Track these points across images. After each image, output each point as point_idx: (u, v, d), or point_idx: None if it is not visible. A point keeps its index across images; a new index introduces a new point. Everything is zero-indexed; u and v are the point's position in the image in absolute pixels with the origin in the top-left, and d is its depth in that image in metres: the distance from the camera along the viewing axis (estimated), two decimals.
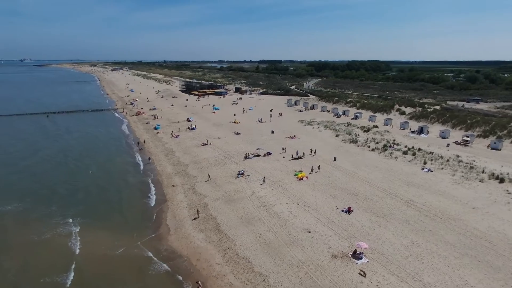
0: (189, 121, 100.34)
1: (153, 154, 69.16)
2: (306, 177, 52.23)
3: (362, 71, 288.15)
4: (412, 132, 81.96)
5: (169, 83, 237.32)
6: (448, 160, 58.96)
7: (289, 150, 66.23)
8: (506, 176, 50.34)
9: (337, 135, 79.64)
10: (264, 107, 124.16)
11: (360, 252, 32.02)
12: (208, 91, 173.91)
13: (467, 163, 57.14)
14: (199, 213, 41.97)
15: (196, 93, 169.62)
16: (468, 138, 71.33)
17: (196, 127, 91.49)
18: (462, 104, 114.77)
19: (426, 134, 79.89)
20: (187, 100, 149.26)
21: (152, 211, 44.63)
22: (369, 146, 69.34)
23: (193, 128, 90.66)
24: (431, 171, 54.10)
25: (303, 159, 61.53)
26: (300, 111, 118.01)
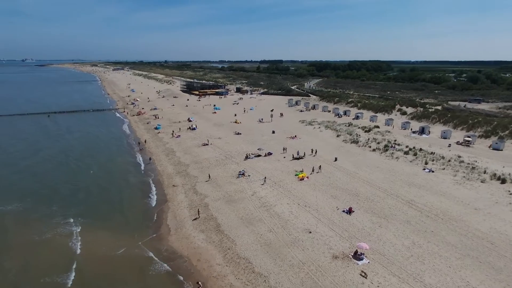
0: (190, 121, 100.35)
1: (154, 154, 69.16)
2: (307, 177, 52.13)
3: (363, 71, 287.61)
4: (414, 132, 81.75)
5: (170, 83, 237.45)
6: (450, 161, 58.76)
7: (290, 150, 66.12)
8: (508, 177, 50.10)
9: (338, 135, 79.49)
10: (265, 107, 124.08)
11: (361, 253, 31.90)
12: (209, 91, 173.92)
13: (469, 164, 56.93)
14: (200, 213, 41.93)
15: (197, 93, 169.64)
16: (470, 139, 71.09)
17: (197, 127, 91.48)
18: (464, 105, 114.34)
19: (428, 134, 79.67)
20: (188, 100, 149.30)
21: (153, 211, 44.61)
22: (370, 146, 69.18)
23: (194, 128, 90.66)
24: (433, 172, 53.92)
25: (304, 159, 61.43)
26: (301, 111, 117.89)
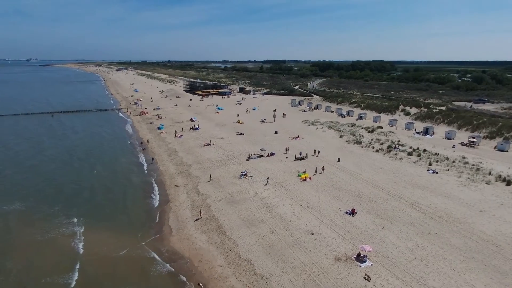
0: (193, 121, 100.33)
1: (156, 154, 69.18)
2: (310, 178, 51.82)
3: (367, 71, 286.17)
4: (417, 133, 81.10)
5: (173, 83, 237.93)
6: (454, 162, 58.16)
7: (293, 151, 65.84)
8: None
9: (341, 136, 79.06)
10: (268, 107, 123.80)
11: (364, 255, 31.58)
12: (212, 91, 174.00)
13: (473, 165, 56.31)
14: (202, 214, 41.79)
15: (200, 93, 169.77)
16: (474, 139, 70.37)
17: (200, 127, 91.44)
18: (470, 105, 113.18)
19: (432, 135, 79.00)
20: (191, 100, 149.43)
21: (155, 212, 44.57)
22: (374, 147, 68.71)
23: (197, 128, 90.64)
24: (437, 173, 53.38)
25: (307, 160, 61.11)
26: (304, 112, 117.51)
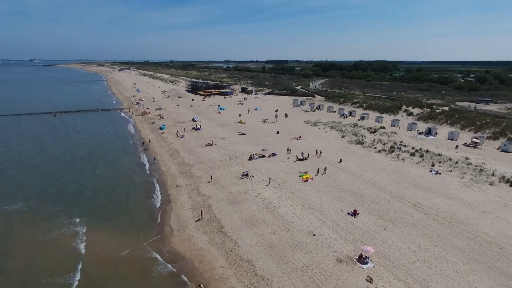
0: (195, 121, 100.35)
1: (158, 154, 69.19)
2: (311, 179, 51.61)
3: (369, 71, 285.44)
4: (420, 134, 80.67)
5: (175, 83, 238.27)
6: (457, 162, 57.77)
7: (294, 151, 65.63)
8: None
9: (343, 136, 78.77)
10: (270, 108, 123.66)
11: (366, 257, 31.36)
12: (214, 91, 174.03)
13: (477, 166, 55.91)
14: (203, 215, 41.70)
15: (202, 93, 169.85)
16: (478, 140, 69.88)
17: (201, 127, 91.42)
18: (475, 106, 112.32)
19: (434, 136, 78.57)
20: (193, 100, 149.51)
21: (157, 212, 44.52)
22: (376, 148, 68.39)
23: (198, 128, 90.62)
24: (439, 174, 53.03)
25: (308, 160, 60.90)
26: (306, 112, 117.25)
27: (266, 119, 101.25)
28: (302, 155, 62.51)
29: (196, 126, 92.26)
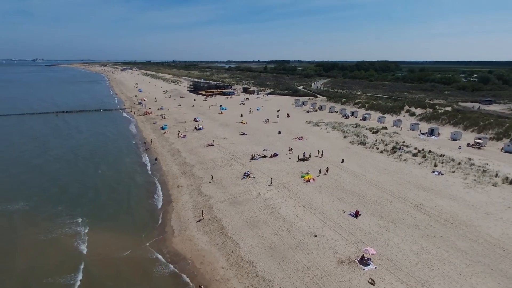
0: (196, 121, 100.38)
1: (160, 154, 69.21)
2: (313, 179, 51.44)
3: (371, 72, 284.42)
4: (422, 134, 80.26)
5: (177, 83, 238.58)
6: (460, 163, 57.40)
7: (296, 151, 65.46)
8: None
9: (345, 137, 78.50)
10: (272, 108, 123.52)
11: (368, 258, 31.16)
12: (216, 91, 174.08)
13: (480, 167, 55.52)
14: (204, 215, 41.61)
15: (204, 93, 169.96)
16: (481, 141, 69.43)
17: (203, 127, 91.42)
18: (479, 106, 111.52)
19: (437, 136, 78.14)
20: (195, 100, 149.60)
21: (158, 212, 44.48)
22: (378, 148, 68.09)
23: (200, 128, 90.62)
24: (442, 174, 52.70)
25: (310, 161, 60.72)
26: (308, 112, 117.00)
27: (268, 119, 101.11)
28: (304, 156, 62.32)
29: (198, 126, 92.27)
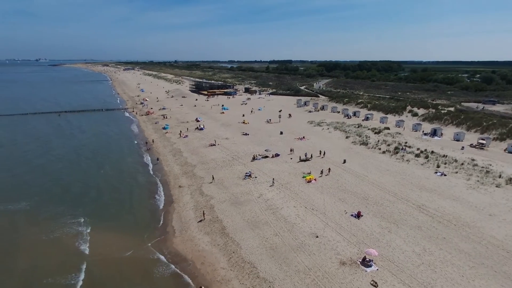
0: (198, 121, 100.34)
1: (161, 154, 69.19)
2: (315, 180, 51.22)
3: (374, 72, 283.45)
4: (425, 134, 79.80)
5: (179, 83, 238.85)
6: (463, 164, 56.99)
7: (298, 152, 65.24)
8: None
9: (347, 137, 78.19)
10: (273, 108, 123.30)
11: (370, 260, 30.92)
12: (218, 91, 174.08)
13: (483, 167, 55.09)
14: (205, 215, 41.49)
15: (206, 93, 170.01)
16: (484, 141, 68.92)
17: (205, 127, 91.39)
18: (483, 107, 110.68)
19: (440, 137, 77.66)
20: (197, 100, 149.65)
21: (160, 213, 44.40)
22: (380, 149, 67.75)
23: (202, 128, 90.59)
24: (445, 175, 52.32)
25: (312, 161, 60.49)
26: (310, 112, 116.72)
27: (270, 119, 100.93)
28: (306, 156, 62.10)
29: (200, 126, 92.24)
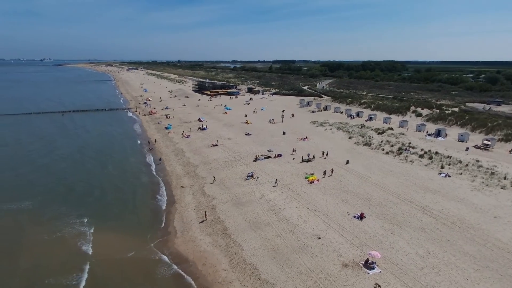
0: (201, 121, 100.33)
1: (164, 154, 69.22)
2: (317, 180, 50.93)
3: (377, 72, 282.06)
4: (429, 135, 79.15)
5: (182, 83, 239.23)
6: (467, 165, 56.40)
7: (300, 152, 64.94)
8: None
9: (350, 137, 77.76)
10: (276, 108, 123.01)
11: (372, 262, 30.61)
12: (221, 91, 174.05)
13: (488, 169, 54.49)
14: (207, 216, 41.38)
15: (209, 93, 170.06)
16: (489, 142, 68.21)
17: (207, 127, 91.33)
18: (489, 107, 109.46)
19: (444, 137, 76.99)
20: (199, 100, 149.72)
21: (162, 213, 44.37)
22: (384, 149, 67.27)
23: (204, 128, 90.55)
24: (449, 176, 51.80)
25: (314, 162, 60.18)
26: (313, 112, 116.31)
27: (272, 120, 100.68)
28: (308, 156, 61.80)
29: (202, 126, 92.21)
